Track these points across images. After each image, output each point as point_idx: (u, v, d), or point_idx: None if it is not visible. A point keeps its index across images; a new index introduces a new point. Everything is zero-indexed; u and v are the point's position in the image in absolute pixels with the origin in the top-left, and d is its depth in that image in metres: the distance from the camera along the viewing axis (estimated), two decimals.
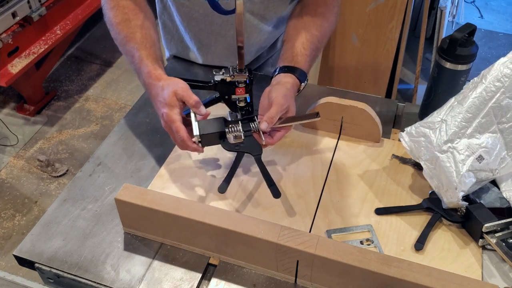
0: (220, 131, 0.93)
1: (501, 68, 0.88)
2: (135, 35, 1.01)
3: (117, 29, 1.03)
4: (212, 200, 0.97)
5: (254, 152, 0.93)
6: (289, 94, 0.97)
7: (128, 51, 1.02)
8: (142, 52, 0.99)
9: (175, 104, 0.92)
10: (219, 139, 0.94)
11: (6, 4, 2.26)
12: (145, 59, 0.98)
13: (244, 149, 0.93)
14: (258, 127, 0.94)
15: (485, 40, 3.29)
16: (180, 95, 0.92)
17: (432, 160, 0.92)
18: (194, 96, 0.92)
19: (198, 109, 0.93)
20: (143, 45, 1.00)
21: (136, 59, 0.99)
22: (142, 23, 1.03)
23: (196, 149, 0.93)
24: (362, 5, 2.19)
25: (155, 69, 0.97)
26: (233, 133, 0.93)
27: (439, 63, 1.06)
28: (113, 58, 3.11)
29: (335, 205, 0.96)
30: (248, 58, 1.33)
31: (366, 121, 1.07)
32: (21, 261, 0.90)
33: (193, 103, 0.92)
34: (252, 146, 0.93)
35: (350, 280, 0.78)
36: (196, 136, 0.91)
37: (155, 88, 0.95)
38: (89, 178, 1.03)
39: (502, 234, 0.87)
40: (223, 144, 0.93)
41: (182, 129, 0.91)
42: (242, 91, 0.99)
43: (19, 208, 2.20)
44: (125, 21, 1.02)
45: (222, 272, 0.86)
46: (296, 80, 1.01)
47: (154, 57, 1.00)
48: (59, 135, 2.58)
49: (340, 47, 2.37)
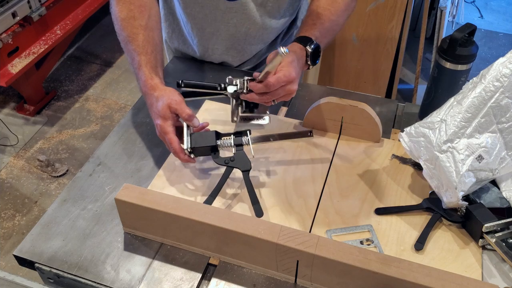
0: (210, 145, 0.95)
1: (500, 68, 0.89)
2: (137, 37, 1.01)
3: (121, 25, 1.03)
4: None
5: (243, 168, 0.95)
6: (293, 64, 0.97)
7: (129, 51, 1.03)
8: (142, 57, 1.00)
9: (168, 117, 0.94)
10: (211, 152, 0.96)
11: (6, 4, 2.26)
12: (143, 66, 1.00)
13: (234, 164, 0.95)
14: (250, 141, 0.96)
15: (485, 40, 3.29)
16: (173, 108, 0.94)
17: (431, 160, 0.92)
18: (187, 110, 0.94)
19: (191, 122, 0.95)
20: (143, 50, 1.01)
21: (135, 64, 1.01)
22: (146, 23, 1.03)
23: (187, 160, 0.96)
24: (362, 5, 2.19)
25: (152, 78, 0.99)
26: (224, 147, 0.96)
27: (439, 63, 1.06)
28: (113, 58, 3.11)
29: (335, 205, 0.96)
30: (249, 53, 1.33)
31: (366, 121, 1.07)
32: (21, 261, 0.90)
33: (186, 116, 0.94)
34: (241, 161, 0.95)
35: (350, 280, 0.78)
36: (187, 149, 0.94)
37: (150, 98, 0.98)
38: (89, 178, 1.03)
39: (502, 234, 0.87)
40: (214, 158, 0.96)
41: (175, 141, 0.94)
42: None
43: (19, 208, 2.21)
44: (130, 19, 1.03)
45: (222, 272, 0.86)
46: (297, 45, 1.03)
47: (153, 64, 1.01)
48: (59, 135, 2.58)
49: (340, 47, 2.37)
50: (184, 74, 1.32)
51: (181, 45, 1.35)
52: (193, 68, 1.35)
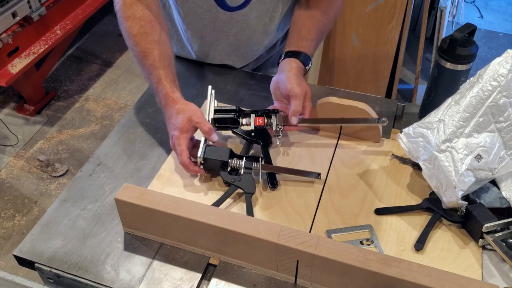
0: (223, 160, 0.97)
1: (497, 67, 0.89)
2: (153, 51, 1.03)
3: (134, 41, 1.04)
4: (212, 200, 0.97)
5: (247, 190, 0.96)
6: (300, 80, 1.04)
7: (144, 66, 1.04)
8: (161, 71, 1.02)
9: (187, 130, 0.97)
10: (220, 168, 0.98)
11: (6, 4, 2.26)
12: (163, 80, 1.02)
13: (240, 185, 0.96)
14: (260, 168, 0.98)
15: (485, 40, 3.29)
16: (194, 122, 0.97)
17: (430, 160, 0.92)
18: (208, 124, 0.98)
19: (210, 136, 0.98)
20: (161, 64, 1.02)
21: (154, 78, 1.02)
22: (159, 38, 1.04)
23: (196, 171, 0.98)
24: (362, 5, 2.19)
25: (173, 92, 1.01)
26: (235, 165, 0.98)
27: (439, 63, 1.06)
28: (113, 58, 3.11)
29: (335, 205, 0.96)
30: (251, 58, 1.33)
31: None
32: (21, 261, 0.90)
33: (206, 129, 0.97)
34: (247, 184, 0.96)
35: (350, 280, 0.78)
36: (200, 158, 0.96)
37: (170, 110, 1.00)
38: (89, 178, 1.03)
39: (502, 234, 0.87)
40: (222, 174, 0.98)
41: (185, 154, 0.97)
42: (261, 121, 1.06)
43: (19, 208, 2.21)
44: (142, 35, 1.04)
45: (222, 272, 0.86)
46: (300, 64, 1.08)
47: (171, 78, 1.03)
48: (59, 135, 2.58)
49: (340, 47, 2.37)
50: (184, 73, 1.32)
51: (179, 50, 1.35)
52: (193, 69, 1.34)
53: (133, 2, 1.04)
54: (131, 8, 1.04)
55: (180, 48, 1.34)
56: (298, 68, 1.07)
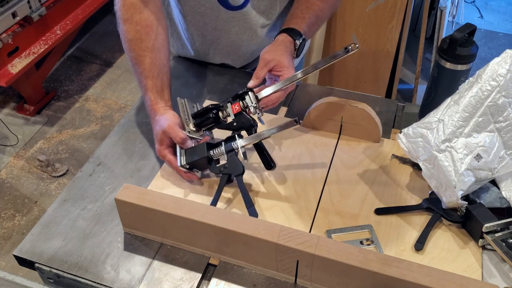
0: (203, 157, 0.96)
1: (496, 67, 0.89)
2: (144, 60, 1.04)
3: (128, 46, 1.06)
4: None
5: (235, 172, 0.95)
6: (275, 49, 1.03)
7: (136, 73, 1.06)
8: (148, 81, 1.04)
9: (163, 141, 1.00)
10: (208, 163, 0.97)
11: (6, 4, 2.26)
12: (149, 91, 1.04)
13: (227, 171, 0.96)
14: (239, 144, 0.95)
15: (485, 40, 3.29)
16: (167, 133, 0.98)
17: (430, 160, 0.92)
18: (180, 133, 0.98)
19: (184, 145, 0.99)
20: (150, 73, 1.04)
21: (142, 87, 1.05)
22: (153, 45, 1.05)
23: (189, 176, 1.00)
24: (362, 5, 2.19)
25: (156, 103, 1.03)
26: (216, 154, 0.97)
27: (439, 63, 1.06)
28: (113, 58, 3.11)
29: (335, 205, 0.96)
30: (251, 57, 1.33)
31: (366, 121, 1.07)
32: (21, 261, 0.90)
33: (179, 140, 0.98)
34: (233, 167, 0.95)
35: (350, 280, 0.78)
36: (181, 167, 0.97)
37: (153, 121, 1.03)
38: (89, 178, 1.03)
39: (502, 234, 0.87)
40: (210, 168, 0.98)
41: (174, 161, 0.99)
42: (237, 107, 1.00)
43: (19, 208, 2.21)
44: (137, 41, 1.04)
45: (222, 272, 0.86)
46: (287, 37, 1.07)
47: (158, 88, 1.04)
48: (59, 135, 2.58)
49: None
50: (184, 73, 1.32)
51: (179, 48, 1.35)
52: (193, 69, 1.35)
53: (133, 3, 1.04)
54: (129, 10, 1.04)
55: (180, 46, 1.34)
56: (283, 40, 1.06)
